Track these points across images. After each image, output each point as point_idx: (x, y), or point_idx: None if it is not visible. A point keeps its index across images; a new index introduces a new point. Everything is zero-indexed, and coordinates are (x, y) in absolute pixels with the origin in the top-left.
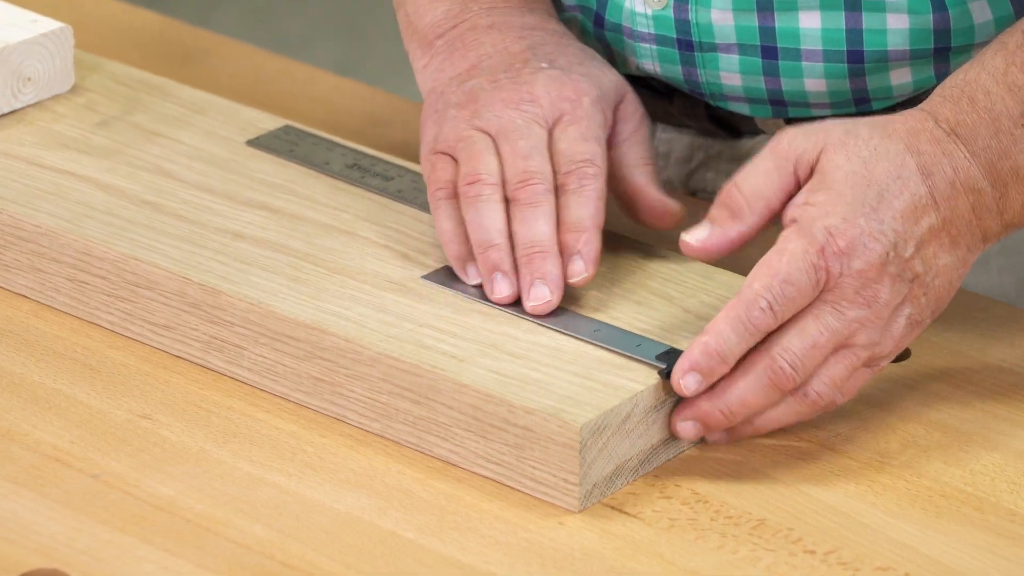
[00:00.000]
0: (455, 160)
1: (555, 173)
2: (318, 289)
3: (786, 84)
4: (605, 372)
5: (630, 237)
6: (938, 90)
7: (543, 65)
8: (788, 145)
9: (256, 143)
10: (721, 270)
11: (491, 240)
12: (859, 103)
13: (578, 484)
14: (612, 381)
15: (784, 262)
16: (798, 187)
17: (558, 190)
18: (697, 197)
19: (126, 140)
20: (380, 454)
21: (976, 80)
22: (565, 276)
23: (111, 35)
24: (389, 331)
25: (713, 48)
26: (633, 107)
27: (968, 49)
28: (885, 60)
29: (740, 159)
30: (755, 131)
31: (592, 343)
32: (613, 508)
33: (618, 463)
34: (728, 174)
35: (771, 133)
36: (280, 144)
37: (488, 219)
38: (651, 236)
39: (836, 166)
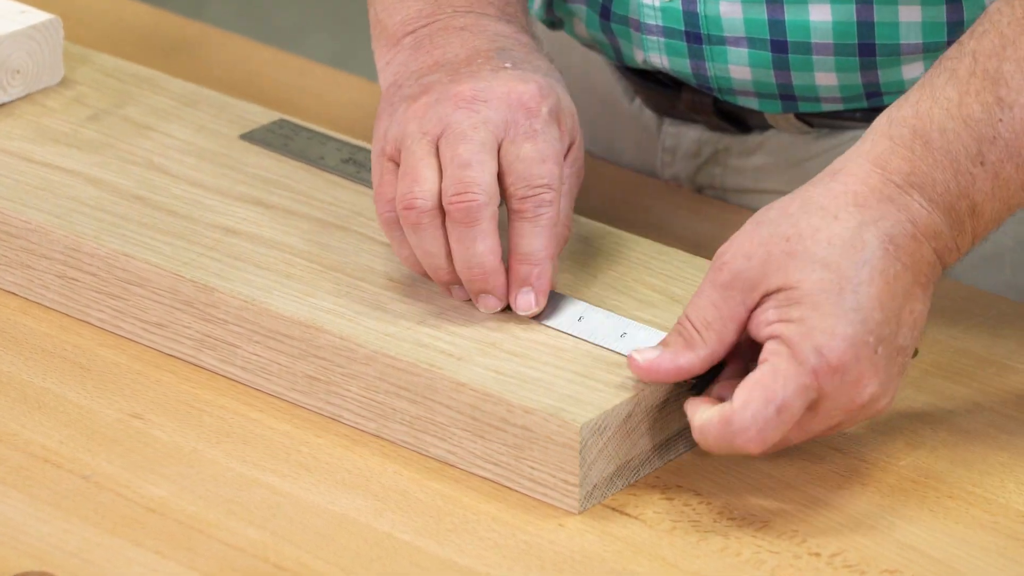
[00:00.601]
0: (398, 167)
1: (507, 191)
2: (313, 286)
3: (796, 78)
4: (606, 370)
5: (631, 232)
6: (882, 127)
7: (507, 64)
8: (728, 275)
9: (249, 137)
10: None
11: (438, 265)
12: (871, 97)
13: (578, 485)
14: (613, 380)
15: (779, 387)
16: (748, 312)
17: (512, 213)
18: (704, 193)
19: (116, 134)
20: (376, 454)
21: (928, 115)
22: (511, 293)
23: (101, 27)
24: (385, 329)
25: (722, 41)
26: (577, 153)
27: None
28: (897, 54)
29: (748, 154)
30: (764, 126)
31: (593, 343)
32: (614, 509)
33: (619, 463)
34: (736, 170)
35: (781, 128)
36: (273, 138)
37: (432, 246)
38: (654, 231)
39: (797, 281)
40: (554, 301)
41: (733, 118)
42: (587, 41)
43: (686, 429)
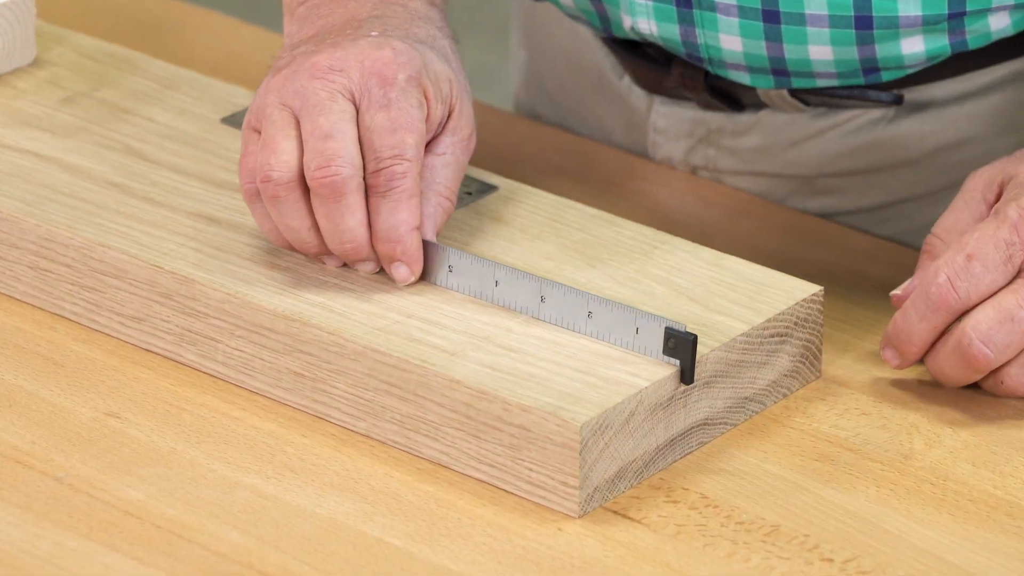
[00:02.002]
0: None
1: (364, 166)
2: (299, 277)
3: (789, 51)
4: (607, 367)
5: (632, 220)
6: None
7: (372, 32)
8: (973, 179)
9: (233, 120)
10: (730, 256)
11: (301, 239)
12: (868, 73)
13: (578, 487)
14: (614, 376)
15: (973, 238)
16: (989, 209)
17: (368, 190)
18: (697, 175)
19: (92, 118)
20: (366, 455)
21: None
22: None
23: (76, 4)
24: (375, 323)
25: (712, 7)
26: (466, 120)
27: (985, 14)
28: (896, 27)
29: (742, 134)
30: (758, 104)
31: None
32: (616, 513)
33: (621, 465)
34: (730, 151)
35: (776, 107)
36: None
37: (292, 220)
38: (655, 218)
39: None
40: (560, 295)
41: (726, 95)
42: (572, 11)
43: (692, 428)
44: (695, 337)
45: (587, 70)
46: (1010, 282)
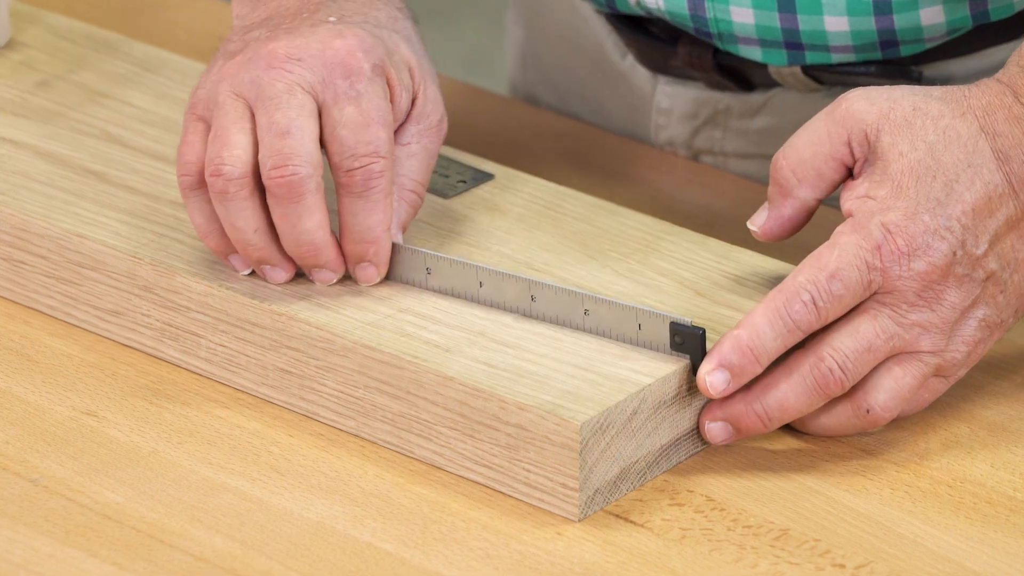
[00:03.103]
0: (209, 130)
1: (332, 162)
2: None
3: (803, 22)
4: (609, 363)
5: (635, 209)
6: (1015, 58)
7: (330, 19)
8: (845, 111)
9: None
10: (740, 248)
11: (247, 241)
12: (885, 47)
13: (578, 490)
14: (616, 373)
15: (835, 256)
16: (852, 159)
17: (339, 187)
18: (701, 160)
19: (69, 102)
20: (355, 456)
21: None
22: (349, 267)
23: None
24: (365, 317)
25: None
26: (433, 105)
27: None
28: None
29: (751, 115)
30: (769, 83)
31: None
32: (618, 517)
33: (623, 466)
34: (738, 132)
35: (788, 85)
36: None
37: (239, 219)
38: (660, 208)
39: (899, 153)
40: (551, 295)
41: (734, 74)
42: None
43: (697, 428)
44: (703, 331)
45: (587, 49)
46: (864, 303)
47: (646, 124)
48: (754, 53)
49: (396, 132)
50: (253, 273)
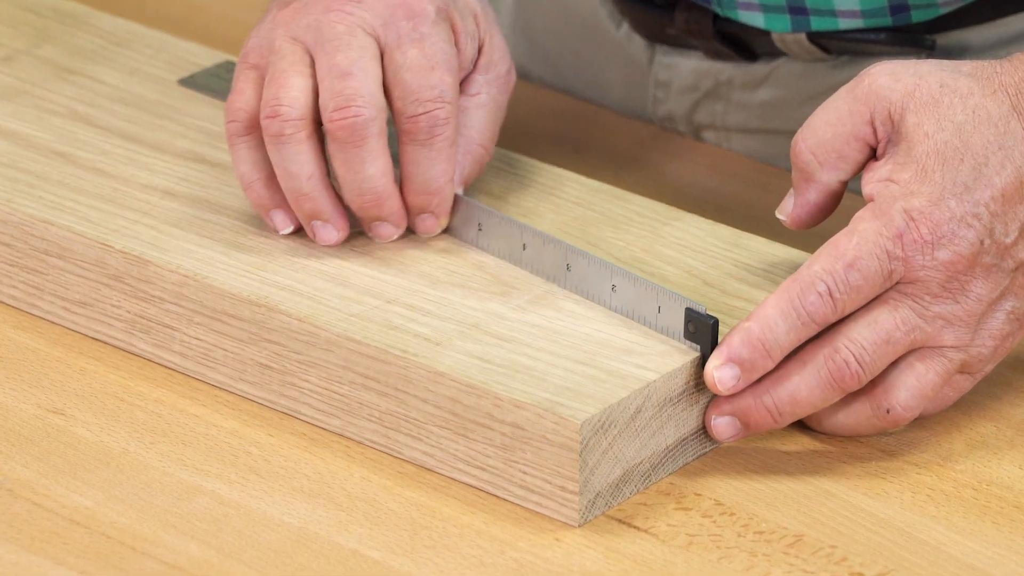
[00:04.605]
0: (263, 78)
1: (394, 108)
2: (265, 258)
3: None
4: (611, 358)
5: (639, 194)
6: None
7: None
8: (868, 87)
9: (191, 82)
10: (751, 235)
11: (300, 189)
12: (896, 11)
13: (578, 493)
14: (619, 369)
15: (853, 244)
16: (875, 139)
17: (402, 135)
18: (703, 135)
19: (34, 79)
20: (340, 457)
21: None
22: (410, 218)
23: None
24: (351, 308)
25: None
26: (500, 54)
27: None
28: None
29: (754, 86)
30: (773, 52)
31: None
32: (620, 522)
33: (626, 467)
34: (740, 105)
35: (792, 55)
36: (218, 83)
37: (294, 164)
38: (665, 192)
39: (925, 134)
40: (585, 264)
41: (736, 42)
42: None
43: (704, 428)
44: (715, 320)
45: (581, 19)
46: (883, 293)
47: (644, 97)
48: (756, 19)
49: (463, 82)
50: (296, 233)
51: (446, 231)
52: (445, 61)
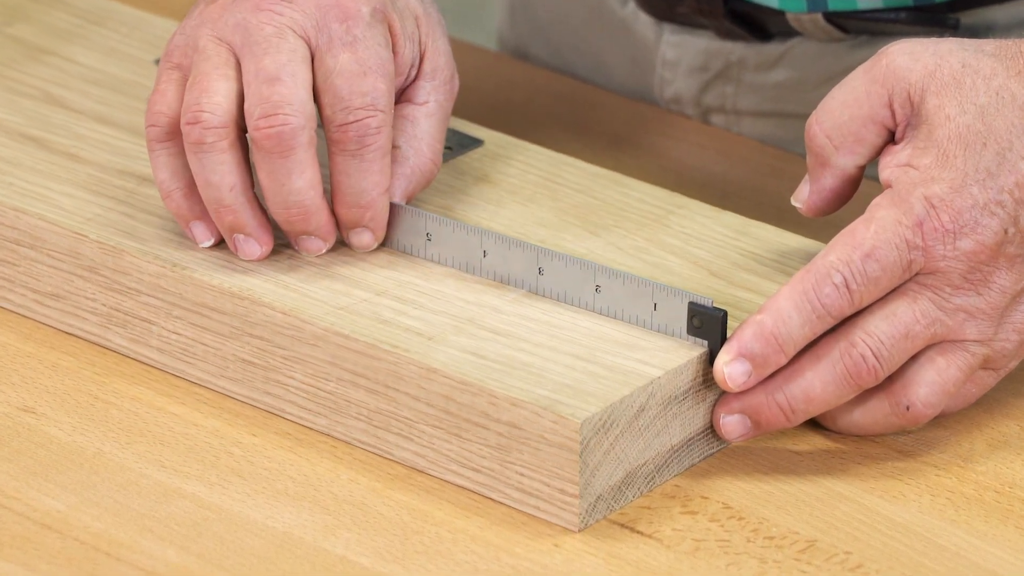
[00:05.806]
0: (187, 79)
1: (323, 115)
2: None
3: None
4: (613, 354)
5: (641, 180)
6: None
7: None
8: (886, 68)
9: None
10: (760, 223)
11: (221, 200)
12: None
13: (578, 496)
14: (621, 365)
15: (871, 233)
16: (894, 122)
17: (331, 144)
18: (711, 120)
19: (4, 58)
20: (327, 457)
21: None
22: (343, 232)
23: None
24: (338, 301)
25: None
26: (443, 59)
27: None
28: None
29: (767, 68)
30: (787, 31)
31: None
32: (623, 526)
33: (629, 469)
34: (752, 88)
35: (808, 34)
36: None
37: (215, 175)
38: (670, 178)
39: (946, 117)
40: (562, 267)
41: (748, 21)
42: None
43: (712, 426)
44: (724, 313)
45: None
46: (902, 285)
47: (650, 79)
48: None
49: (409, 88)
50: (216, 246)
51: (387, 244)
52: (379, 66)
